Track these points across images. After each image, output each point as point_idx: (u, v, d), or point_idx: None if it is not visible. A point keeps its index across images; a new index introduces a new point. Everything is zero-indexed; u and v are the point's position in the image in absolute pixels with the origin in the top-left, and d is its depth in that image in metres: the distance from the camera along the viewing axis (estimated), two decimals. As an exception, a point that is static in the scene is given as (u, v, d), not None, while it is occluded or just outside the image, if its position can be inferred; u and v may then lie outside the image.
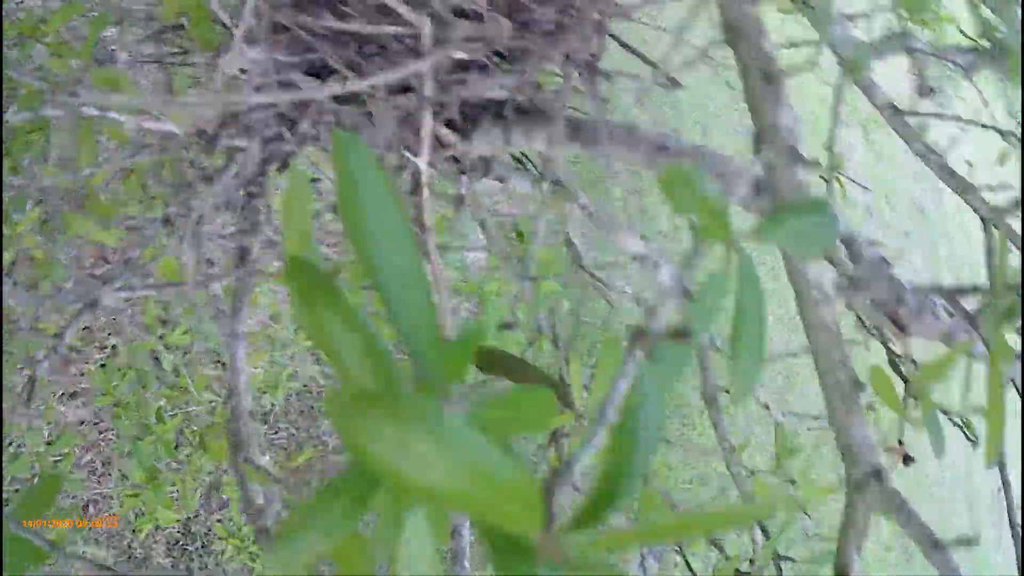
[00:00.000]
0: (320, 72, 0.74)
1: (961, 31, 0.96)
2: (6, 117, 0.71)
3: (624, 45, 0.87)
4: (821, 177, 1.44)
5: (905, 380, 0.81)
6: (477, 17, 0.74)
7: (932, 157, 1.10)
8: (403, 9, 0.68)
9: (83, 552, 1.58)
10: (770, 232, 0.46)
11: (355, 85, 0.69)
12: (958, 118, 1.02)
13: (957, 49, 1.17)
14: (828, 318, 0.62)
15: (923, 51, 1.11)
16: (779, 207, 0.47)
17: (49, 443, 1.80)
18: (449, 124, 0.83)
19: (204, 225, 0.77)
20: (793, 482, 0.96)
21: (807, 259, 0.56)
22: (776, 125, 0.60)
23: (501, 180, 0.89)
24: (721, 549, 1.04)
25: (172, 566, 1.91)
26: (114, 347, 1.74)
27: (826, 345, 0.62)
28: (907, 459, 0.96)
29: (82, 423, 1.86)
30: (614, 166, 0.83)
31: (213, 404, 1.76)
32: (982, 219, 1.15)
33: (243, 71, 0.72)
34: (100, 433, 1.85)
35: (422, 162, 0.76)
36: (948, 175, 1.09)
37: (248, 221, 0.82)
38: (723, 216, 0.43)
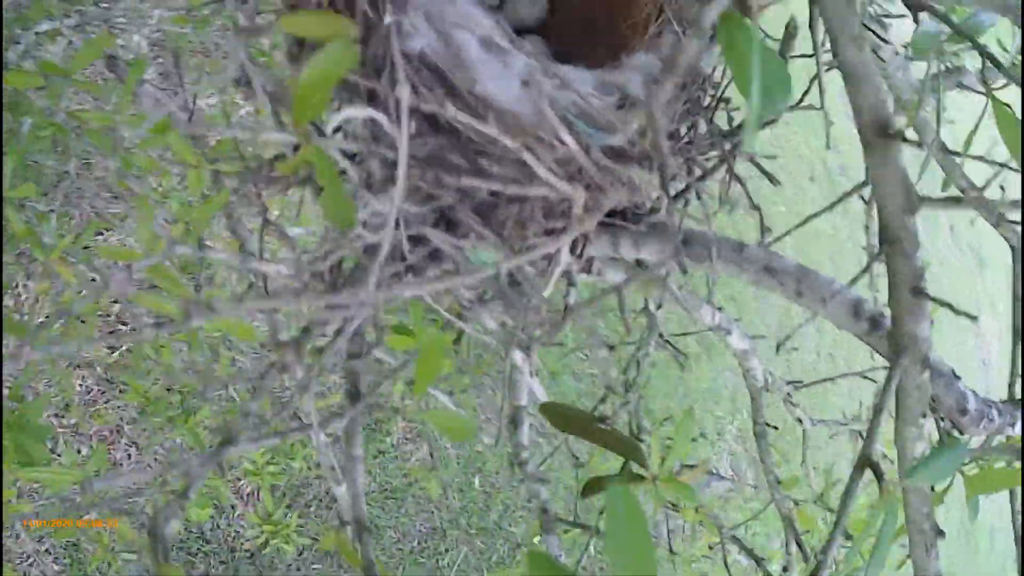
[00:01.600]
0: (446, 218, 0.70)
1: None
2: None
3: (757, 165, 0.85)
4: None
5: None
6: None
7: (970, 192, 1.13)
8: (555, 180, 0.64)
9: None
10: (919, 477, 0.54)
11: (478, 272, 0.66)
12: (1002, 164, 1.04)
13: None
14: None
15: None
16: (927, 456, 0.55)
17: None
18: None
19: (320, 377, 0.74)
20: (831, 510, 1.05)
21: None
22: (915, 335, 0.65)
23: (599, 274, 0.88)
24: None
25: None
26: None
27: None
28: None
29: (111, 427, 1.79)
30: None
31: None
32: (1012, 248, 1.21)
33: (363, 224, 0.67)
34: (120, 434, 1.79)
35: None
36: (984, 208, 1.13)
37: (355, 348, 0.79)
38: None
